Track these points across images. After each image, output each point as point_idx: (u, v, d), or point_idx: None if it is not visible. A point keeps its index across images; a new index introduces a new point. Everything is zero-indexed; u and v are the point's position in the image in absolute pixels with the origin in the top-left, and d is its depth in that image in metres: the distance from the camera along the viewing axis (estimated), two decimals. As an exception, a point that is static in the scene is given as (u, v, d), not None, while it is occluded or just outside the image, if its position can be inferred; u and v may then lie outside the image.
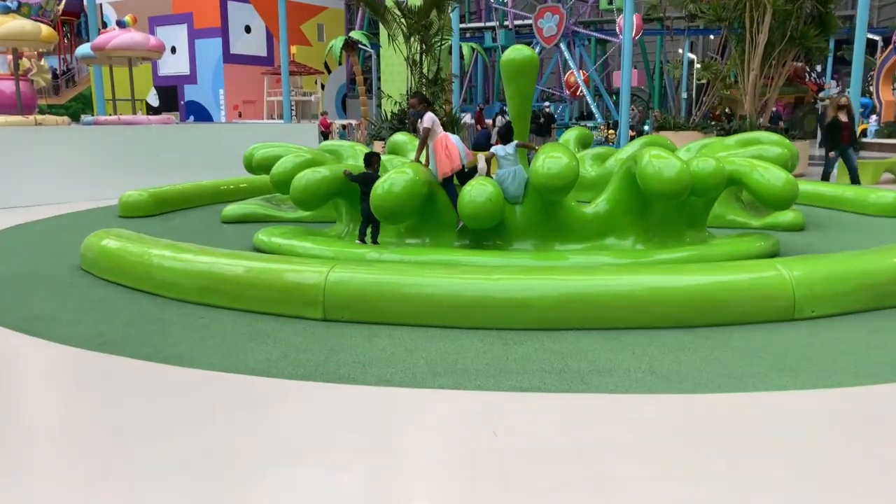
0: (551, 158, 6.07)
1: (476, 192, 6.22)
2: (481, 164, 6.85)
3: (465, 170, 6.85)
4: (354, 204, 7.17)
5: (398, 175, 6.29)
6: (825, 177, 12.56)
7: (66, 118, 14.84)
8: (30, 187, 11.40)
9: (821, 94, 34.34)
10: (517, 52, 8.13)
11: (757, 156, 8.26)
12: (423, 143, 6.97)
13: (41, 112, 28.22)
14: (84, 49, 17.22)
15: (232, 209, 9.50)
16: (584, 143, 11.59)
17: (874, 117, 27.03)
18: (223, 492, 2.72)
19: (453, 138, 6.85)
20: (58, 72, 42.38)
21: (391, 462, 2.97)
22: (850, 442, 3.11)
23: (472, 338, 4.49)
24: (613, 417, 3.36)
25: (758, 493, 2.67)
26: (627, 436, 3.16)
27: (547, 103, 26.31)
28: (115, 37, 15.57)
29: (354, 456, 2.99)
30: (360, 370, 3.95)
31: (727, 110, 30.01)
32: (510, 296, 4.70)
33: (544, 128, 20.65)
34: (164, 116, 16.98)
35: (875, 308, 4.99)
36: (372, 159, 7.16)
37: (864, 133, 25.32)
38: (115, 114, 17.37)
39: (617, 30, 34.46)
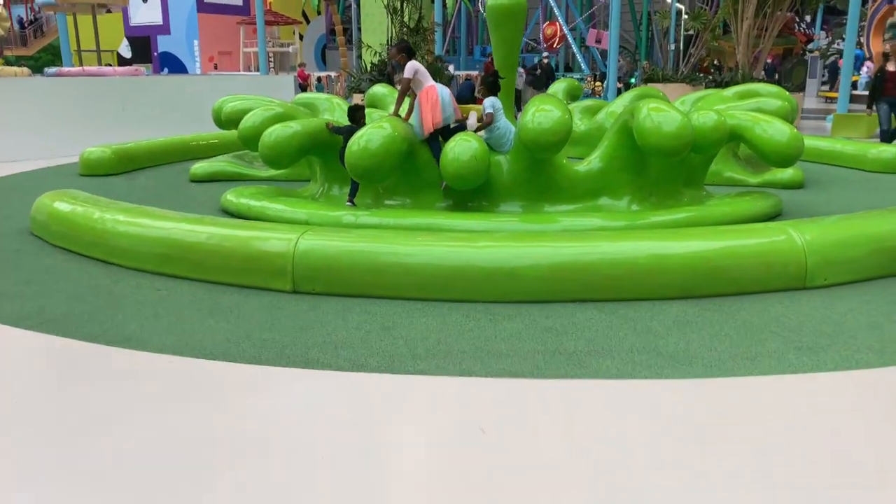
0: (542, 112, 5.58)
1: (460, 149, 5.73)
2: (471, 121, 6.31)
3: (451, 126, 6.33)
4: (330, 162, 6.66)
5: (375, 130, 5.78)
6: (888, 137, 11.31)
7: (25, 69, 13.99)
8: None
9: (810, 46, 33.77)
10: (504, -4, 7.59)
11: (756, 109, 7.79)
12: (403, 96, 6.43)
13: (7, 63, 27.06)
14: (44, -5, 16.25)
15: (200, 167, 8.94)
16: (573, 96, 11.03)
17: (865, 68, 26.54)
18: (175, 495, 2.31)
19: (442, 90, 6.31)
20: (25, 21, 40.78)
21: (365, 463, 2.56)
22: (882, 433, 2.75)
23: (456, 312, 4.07)
24: (617, 408, 2.97)
25: (783, 490, 2.30)
26: (634, 430, 2.78)
27: (546, 54, 25.42)
28: (76, -18, 14.64)
29: (323, 455, 2.58)
30: (332, 352, 3.53)
31: (716, 62, 29.39)
32: (498, 265, 4.27)
33: (541, 80, 19.65)
34: (132, 68, 16.13)
35: (891, 274, 4.62)
36: (357, 113, 6.64)
37: (854, 85, 24.86)
38: (82, 65, 16.48)
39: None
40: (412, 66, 6.23)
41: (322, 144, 6.49)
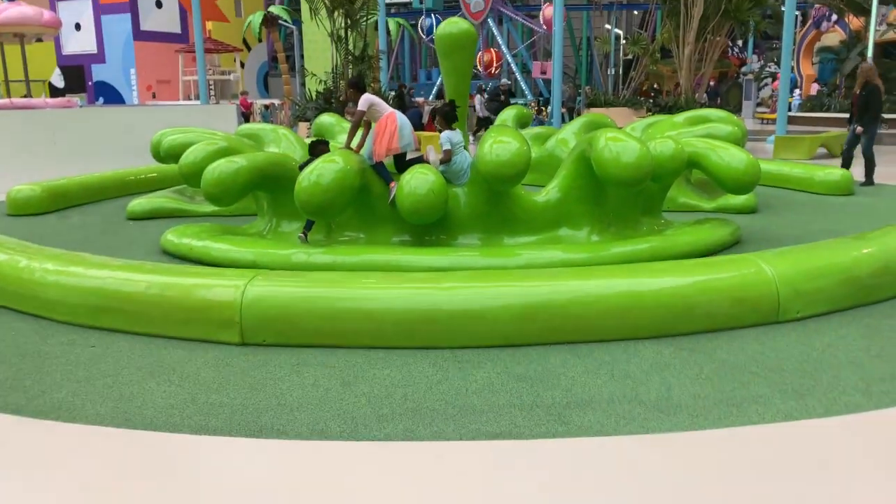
0: (500, 143, 5.39)
1: (416, 182, 5.49)
2: (432, 157, 6.08)
3: (408, 158, 6.10)
4: (278, 197, 6.33)
5: (327, 165, 5.50)
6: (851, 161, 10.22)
7: (-54, 102, 13.25)
8: None
9: (743, 69, 34.95)
10: (453, 25, 7.42)
11: (707, 134, 7.83)
12: (355, 128, 6.18)
13: (-71, 95, 25.80)
14: (-31, 25, 15.47)
15: (139, 204, 8.47)
16: (523, 123, 10.92)
17: (797, 91, 27.51)
18: None
19: (401, 118, 6.08)
20: (-51, 51, 39.17)
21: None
22: (887, 483, 2.58)
23: (421, 361, 3.80)
24: (605, 470, 2.73)
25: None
26: (626, 496, 2.54)
27: (505, 80, 25.49)
28: (3, 10, 13.99)
29: (282, 552, 2.26)
30: (287, 416, 3.20)
31: (655, 86, 30.08)
32: (465, 307, 4.01)
33: (505, 106, 19.38)
34: (64, 99, 15.47)
35: (860, 304, 4.55)
36: (318, 147, 6.35)
37: (788, 108, 25.71)
38: (9, 97, 15.72)
39: (541, 18, 34.05)
40: (366, 100, 6.02)
41: (270, 179, 6.16)
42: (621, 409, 3.20)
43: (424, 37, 36.28)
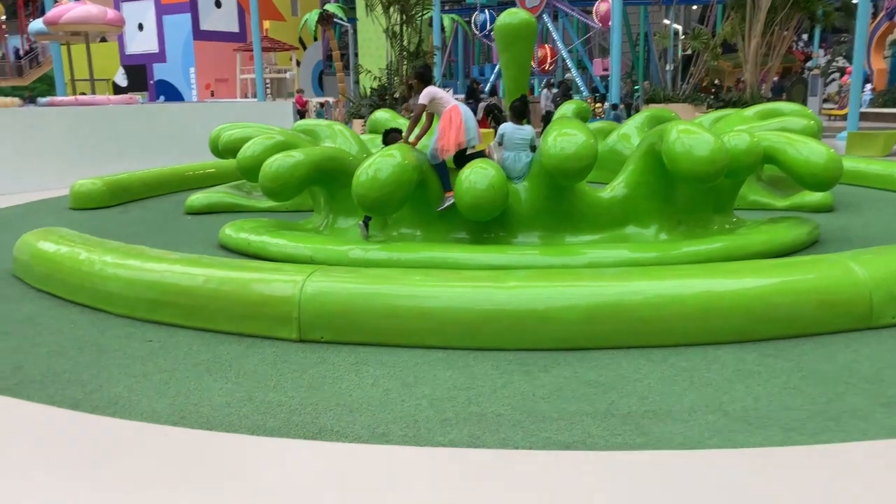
0: (564, 136, 5.17)
1: (476, 176, 5.30)
2: (496, 156, 5.89)
3: (467, 151, 5.92)
4: (335, 192, 6.23)
5: (384, 159, 5.35)
6: None
7: (15, 99, 13.64)
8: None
9: (808, 63, 33.67)
10: (513, 15, 7.21)
11: (780, 128, 7.43)
12: (416, 122, 6.02)
13: (2, 94, 26.78)
14: (37, 25, 15.91)
15: (197, 199, 8.50)
16: (583, 118, 10.64)
17: (868, 86, 26.32)
18: None
19: (466, 111, 5.88)
20: (20, 52, 40.71)
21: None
22: None
23: (484, 363, 3.61)
24: (691, 487, 2.50)
25: None
26: (716, 518, 2.31)
27: (568, 74, 25.08)
28: (69, 10, 14.32)
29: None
30: (347, 417, 3.06)
31: (716, 81, 29.23)
32: (530, 308, 3.81)
33: (567, 99, 18.96)
34: (126, 96, 15.77)
35: (961, 310, 4.17)
36: (391, 135, 6.23)
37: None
38: (74, 94, 16.11)
39: (595, 14, 33.42)
40: (429, 93, 5.84)
41: (327, 174, 6.06)
42: (704, 419, 2.95)
43: (478, 32, 36.01)
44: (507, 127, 5.80)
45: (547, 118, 18.95)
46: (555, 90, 20.25)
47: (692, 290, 3.87)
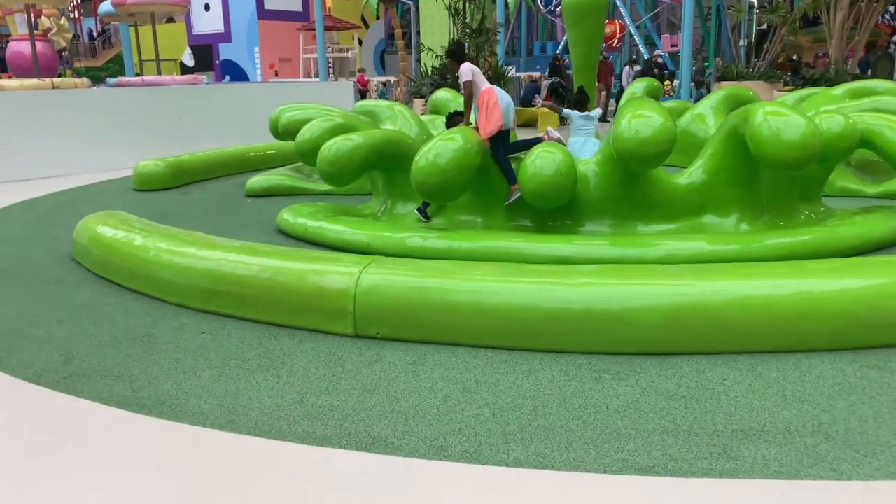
0: (640, 118, 4.80)
1: (542, 161, 5.00)
2: (554, 135, 5.56)
3: (507, 132, 5.60)
4: (394, 177, 6.01)
5: (444, 143, 5.11)
6: None
7: (85, 80, 13.83)
8: (40, 158, 10.48)
9: (894, 38, 31.68)
10: (583, -11, 6.85)
11: (872, 109, 6.83)
12: (470, 101, 5.73)
13: (77, 74, 27.56)
14: (106, 6, 16.17)
15: (257, 181, 8.43)
16: (654, 97, 10.12)
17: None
18: None
19: (501, 94, 5.57)
20: (94, 33, 41.93)
21: None
22: None
23: (550, 367, 3.34)
24: (790, 526, 2.19)
25: None
26: (824, 568, 2.00)
27: (658, 51, 24.22)
28: (136, -9, 14.47)
29: None
30: (402, 426, 2.84)
31: (795, 57, 27.78)
32: (602, 308, 3.50)
33: (660, 78, 17.97)
34: (190, 77, 15.92)
35: None
36: (455, 118, 6.01)
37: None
38: (142, 75, 16.36)
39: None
40: (469, 68, 5.53)
41: (386, 157, 5.84)
42: (802, 443, 2.61)
43: (542, 8, 35.20)
44: (572, 114, 5.46)
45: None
46: (637, 67, 19.47)
47: (784, 290, 3.49)
